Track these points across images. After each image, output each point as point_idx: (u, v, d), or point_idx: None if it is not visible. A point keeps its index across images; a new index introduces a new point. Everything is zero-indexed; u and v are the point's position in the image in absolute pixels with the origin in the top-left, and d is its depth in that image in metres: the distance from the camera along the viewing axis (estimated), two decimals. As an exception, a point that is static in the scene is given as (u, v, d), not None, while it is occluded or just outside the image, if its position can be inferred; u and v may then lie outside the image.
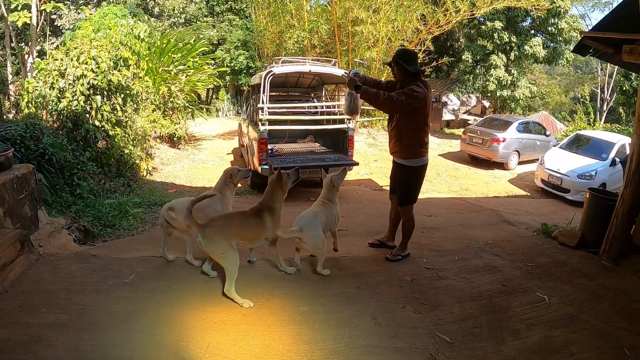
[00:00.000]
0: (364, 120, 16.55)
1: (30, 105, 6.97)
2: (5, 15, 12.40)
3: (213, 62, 16.79)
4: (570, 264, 3.92)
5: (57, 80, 6.84)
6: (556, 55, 20.27)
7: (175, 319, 2.71)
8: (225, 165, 10.65)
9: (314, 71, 7.60)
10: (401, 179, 3.77)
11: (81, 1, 19.29)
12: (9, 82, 11.41)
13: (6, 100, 9.05)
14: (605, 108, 23.82)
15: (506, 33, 19.43)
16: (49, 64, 7.11)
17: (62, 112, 6.68)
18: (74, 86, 6.79)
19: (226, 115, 23.27)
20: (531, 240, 4.64)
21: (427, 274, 3.59)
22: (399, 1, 14.56)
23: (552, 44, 20.45)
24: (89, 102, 6.87)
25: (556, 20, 19.08)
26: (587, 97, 20.68)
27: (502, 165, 12.19)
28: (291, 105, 7.91)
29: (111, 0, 18.59)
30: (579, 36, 5.20)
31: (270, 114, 6.95)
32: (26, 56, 13.65)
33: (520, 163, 12.54)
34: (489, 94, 21.26)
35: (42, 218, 4.02)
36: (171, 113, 11.57)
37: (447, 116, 22.53)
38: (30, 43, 13.18)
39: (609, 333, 2.81)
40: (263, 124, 6.81)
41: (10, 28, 13.71)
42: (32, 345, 2.38)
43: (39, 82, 6.98)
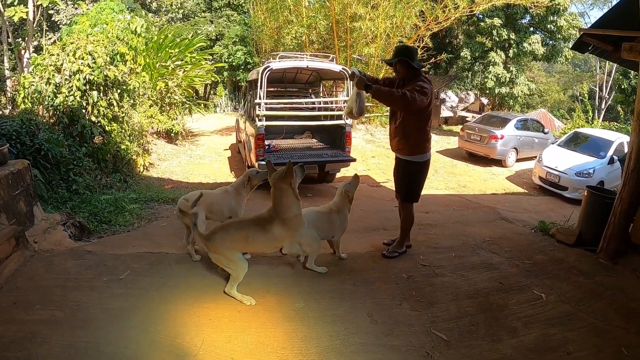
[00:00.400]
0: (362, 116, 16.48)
1: (26, 100, 6.94)
2: (2, 10, 12.34)
3: (211, 57, 16.64)
4: (567, 261, 3.92)
5: (53, 75, 6.79)
6: (555, 53, 20.26)
7: (169, 316, 2.70)
8: (222, 161, 10.64)
9: (311, 67, 7.56)
10: (406, 176, 3.74)
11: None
12: (6, 77, 11.39)
13: (2, 95, 9.03)
14: (603, 106, 23.84)
15: (505, 30, 19.42)
16: (45, 59, 7.05)
17: (58, 107, 6.64)
18: (70, 81, 6.74)
19: (224, 111, 23.17)
20: (528, 237, 4.64)
21: (424, 271, 3.58)
22: (397, -3, 14.50)
23: (551, 42, 20.43)
24: (85, 97, 6.82)
25: (555, 17, 19.08)
26: (585, 95, 20.75)
27: (500, 163, 12.21)
28: (289, 101, 7.87)
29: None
30: (578, 34, 5.18)
31: (267, 109, 6.93)
32: (23, 51, 13.62)
33: (518, 160, 12.56)
34: (487, 91, 21.26)
35: (37, 214, 4.00)
36: (168, 109, 11.51)
37: (445, 113, 22.57)
38: (27, 38, 13.14)
39: (606, 331, 2.81)
40: (260, 120, 6.79)
41: (7, 23, 13.64)
42: (26, 342, 2.38)
43: (35, 78, 6.92)
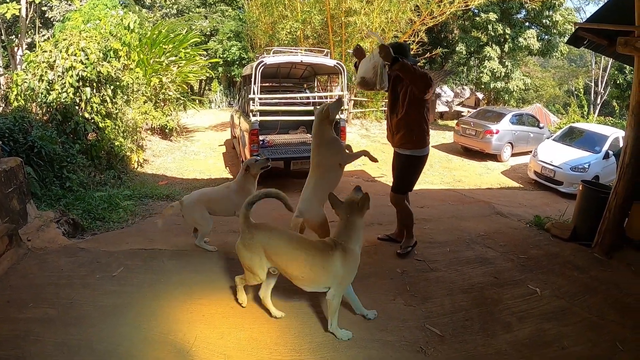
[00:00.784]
0: (357, 111, 16.48)
1: (19, 98, 6.88)
2: (-6, 7, 12.18)
3: (205, 53, 16.59)
4: (562, 256, 3.92)
5: (46, 72, 6.74)
6: (550, 48, 20.27)
7: (162, 312, 2.69)
8: (217, 157, 10.60)
9: (305, 62, 7.53)
10: (406, 169, 3.69)
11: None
12: (-2, 74, 11.27)
13: (-5, 93, 8.94)
14: (599, 101, 23.86)
15: (500, 25, 19.37)
16: (37, 56, 6.99)
17: (52, 104, 6.59)
18: (63, 78, 6.70)
19: (219, 106, 23.09)
20: (523, 232, 4.63)
21: (418, 265, 3.57)
22: (392, -8, 14.44)
23: (546, 37, 20.43)
24: (78, 94, 6.78)
25: (551, 12, 19.05)
26: (581, 90, 20.77)
27: (495, 157, 12.21)
28: (283, 96, 7.84)
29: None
30: (573, 28, 5.17)
31: (261, 104, 6.91)
32: (16, 49, 13.48)
33: (513, 155, 12.56)
34: (482, 86, 21.23)
35: (30, 212, 3.97)
36: (163, 105, 11.45)
37: (440, 108, 22.55)
38: (19, 35, 13.01)
39: (601, 326, 2.81)
40: (254, 115, 6.77)
41: (0, 20, 13.50)
42: (20, 341, 2.36)
43: (28, 75, 6.87)
